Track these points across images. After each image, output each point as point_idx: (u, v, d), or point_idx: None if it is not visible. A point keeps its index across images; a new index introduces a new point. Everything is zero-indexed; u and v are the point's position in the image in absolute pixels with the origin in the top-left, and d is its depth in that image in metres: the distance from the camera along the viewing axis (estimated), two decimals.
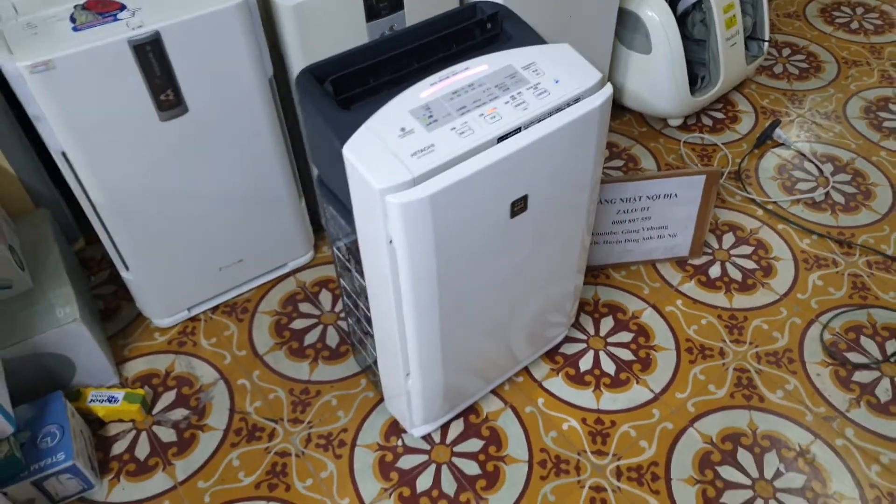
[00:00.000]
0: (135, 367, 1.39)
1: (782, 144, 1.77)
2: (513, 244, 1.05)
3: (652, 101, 1.75)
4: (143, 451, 1.27)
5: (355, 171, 0.89)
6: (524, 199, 1.00)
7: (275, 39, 1.27)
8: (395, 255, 0.93)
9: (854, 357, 1.35)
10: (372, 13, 1.29)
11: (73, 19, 1.06)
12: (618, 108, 1.86)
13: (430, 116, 0.93)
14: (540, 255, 1.12)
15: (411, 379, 1.12)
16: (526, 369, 1.35)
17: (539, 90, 0.97)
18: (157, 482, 1.23)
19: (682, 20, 1.73)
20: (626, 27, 1.68)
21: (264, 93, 1.25)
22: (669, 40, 1.63)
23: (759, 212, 1.62)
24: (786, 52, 2.05)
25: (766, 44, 1.84)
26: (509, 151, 0.92)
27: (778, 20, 2.16)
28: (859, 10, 2.20)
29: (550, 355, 1.37)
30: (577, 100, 0.98)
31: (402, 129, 0.91)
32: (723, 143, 1.78)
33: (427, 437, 1.26)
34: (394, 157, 0.88)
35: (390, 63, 1.01)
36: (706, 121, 1.84)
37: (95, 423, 1.30)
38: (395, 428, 1.28)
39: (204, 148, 1.24)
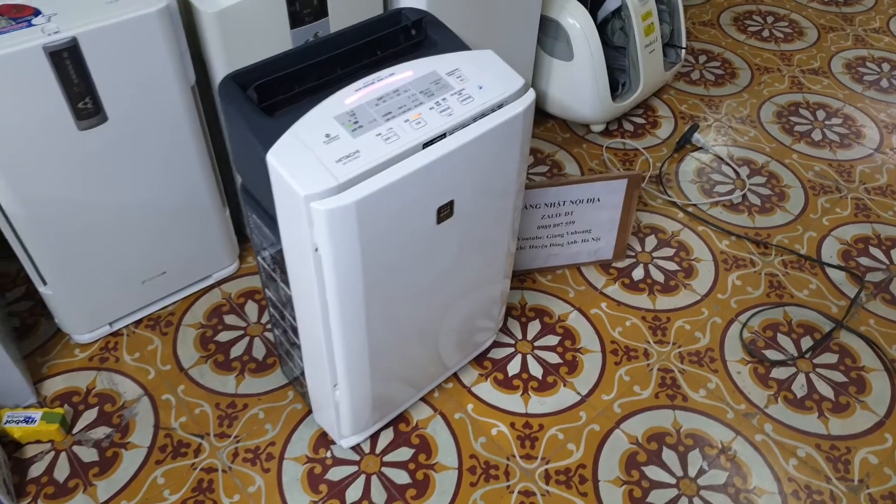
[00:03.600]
0: (54, 386, 1.34)
1: (701, 148, 1.83)
2: (439, 250, 1.05)
3: (574, 108, 1.78)
4: (62, 472, 1.22)
5: (279, 177, 0.88)
6: (450, 204, 1.00)
7: (198, 47, 1.24)
8: (320, 264, 0.92)
9: (771, 354, 1.40)
10: (296, 20, 1.28)
11: None
12: (541, 114, 1.89)
13: (356, 122, 0.93)
14: (467, 260, 1.12)
15: (339, 390, 1.11)
16: (455, 375, 1.36)
17: (463, 96, 0.98)
18: None
19: (601, 28, 1.78)
20: (548, 34, 1.71)
21: (187, 101, 1.22)
22: (590, 47, 1.67)
23: (680, 214, 1.66)
24: (702, 58, 2.12)
25: (683, 51, 1.90)
26: (434, 157, 0.93)
27: (694, 28, 2.24)
28: (770, 19, 2.30)
29: (479, 360, 1.38)
30: (500, 105, 0.99)
31: (327, 136, 0.91)
32: (644, 148, 1.83)
33: (356, 448, 1.25)
34: (319, 163, 0.88)
35: (315, 69, 1.00)
36: (627, 126, 1.89)
37: (11, 446, 1.24)
38: (323, 439, 1.26)
39: (125, 157, 1.20)
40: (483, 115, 0.98)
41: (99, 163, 1.18)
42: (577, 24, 1.65)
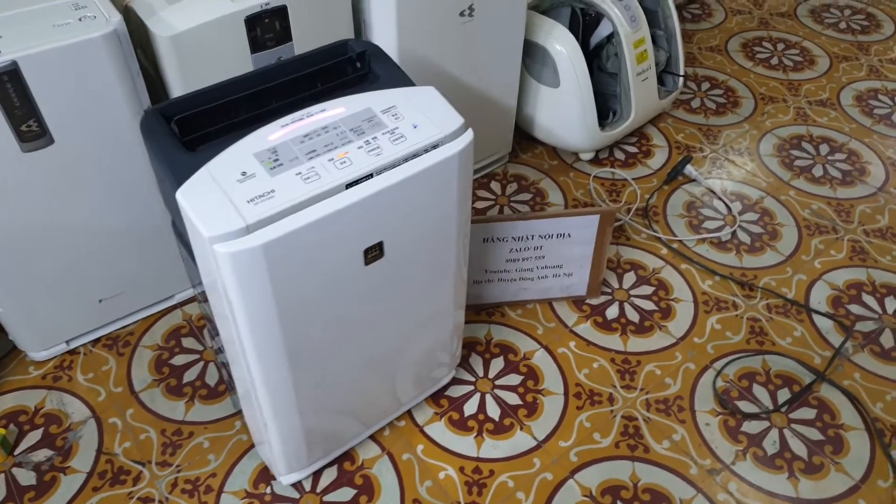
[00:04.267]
0: (3, 404, 1.33)
1: (693, 181, 1.75)
2: (372, 291, 1.01)
3: (561, 135, 1.72)
4: None
5: (188, 217, 0.85)
6: (379, 245, 0.96)
7: (159, 69, 1.22)
8: (232, 306, 0.89)
9: (745, 406, 1.33)
10: (257, 45, 1.25)
11: None
12: (529, 139, 1.83)
13: (276, 160, 0.89)
14: (407, 297, 1.08)
15: (268, 430, 1.07)
16: (409, 412, 1.31)
17: (396, 135, 0.94)
18: None
19: (597, 53, 1.72)
20: (535, 60, 1.65)
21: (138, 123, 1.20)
22: (577, 75, 1.61)
23: (664, 250, 1.59)
24: (705, 86, 2.04)
25: (681, 79, 1.82)
26: (357, 198, 0.89)
27: (700, 53, 2.16)
28: (780, 46, 2.20)
29: (436, 397, 1.33)
30: (435, 146, 0.95)
31: (243, 174, 0.87)
32: (633, 179, 1.76)
33: (297, 485, 1.21)
34: (228, 203, 0.84)
35: (247, 102, 0.97)
36: (619, 155, 1.82)
37: None
38: (265, 474, 1.23)
39: (74, 180, 1.19)
40: (415, 155, 0.94)
41: (46, 185, 1.16)
42: (564, 51, 1.60)
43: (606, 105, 1.77)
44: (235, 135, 0.93)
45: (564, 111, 1.67)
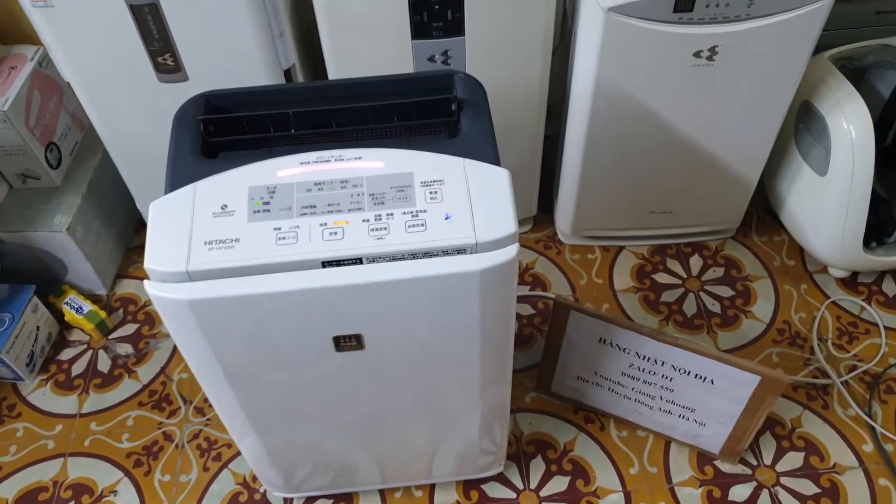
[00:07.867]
0: (127, 287, 1.42)
1: None
2: (349, 378, 0.85)
3: (807, 235, 1.30)
4: (79, 367, 1.31)
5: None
6: (356, 337, 0.79)
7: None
8: None
9: None
10: (420, 31, 1.08)
11: None
12: (774, 219, 1.42)
13: (266, 203, 0.75)
14: (403, 394, 0.90)
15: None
16: (431, 487, 1.14)
17: (416, 220, 0.73)
18: (67, 404, 1.27)
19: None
20: (809, 129, 1.24)
21: (276, 81, 1.13)
22: (855, 171, 1.17)
23: (869, 447, 1.15)
24: None
25: None
26: (331, 283, 0.72)
27: None
28: None
29: (469, 485, 1.14)
30: (460, 251, 0.73)
31: (223, 207, 0.75)
32: (886, 328, 1.28)
33: (288, 501, 1.14)
34: (187, 237, 0.73)
35: (303, 117, 0.82)
36: (888, 287, 1.34)
37: (66, 324, 1.36)
38: None
39: None
40: (427, 254, 0.73)
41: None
42: (852, 133, 1.16)
43: (892, 213, 1.29)
44: (263, 153, 0.80)
45: (822, 209, 1.25)
